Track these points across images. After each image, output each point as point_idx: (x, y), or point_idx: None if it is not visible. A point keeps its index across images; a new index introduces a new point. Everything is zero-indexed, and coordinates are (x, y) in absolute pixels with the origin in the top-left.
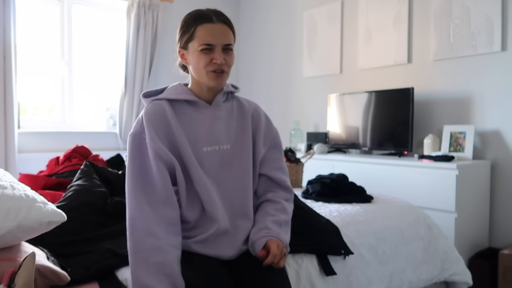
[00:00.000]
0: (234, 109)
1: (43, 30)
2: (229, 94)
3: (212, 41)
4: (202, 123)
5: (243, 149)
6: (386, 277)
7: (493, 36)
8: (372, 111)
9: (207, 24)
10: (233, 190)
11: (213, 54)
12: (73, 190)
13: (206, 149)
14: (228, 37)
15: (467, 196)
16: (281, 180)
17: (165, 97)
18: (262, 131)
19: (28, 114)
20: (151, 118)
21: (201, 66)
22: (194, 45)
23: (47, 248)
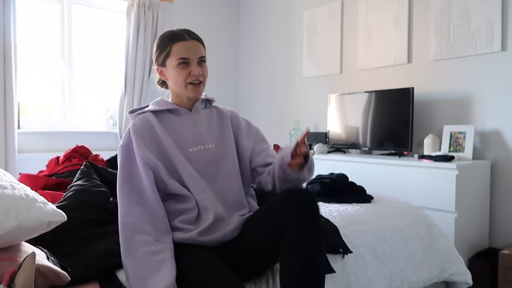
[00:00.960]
0: (213, 114)
1: (43, 30)
2: (206, 102)
3: (187, 55)
4: (185, 127)
5: (226, 147)
6: (386, 277)
7: (493, 36)
8: (372, 111)
9: (181, 42)
10: (223, 185)
11: (190, 68)
12: (73, 190)
13: (192, 149)
14: (201, 51)
15: (467, 196)
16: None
17: (149, 110)
18: (243, 130)
19: (28, 114)
20: (138, 129)
21: (180, 79)
22: (172, 61)
23: (47, 248)
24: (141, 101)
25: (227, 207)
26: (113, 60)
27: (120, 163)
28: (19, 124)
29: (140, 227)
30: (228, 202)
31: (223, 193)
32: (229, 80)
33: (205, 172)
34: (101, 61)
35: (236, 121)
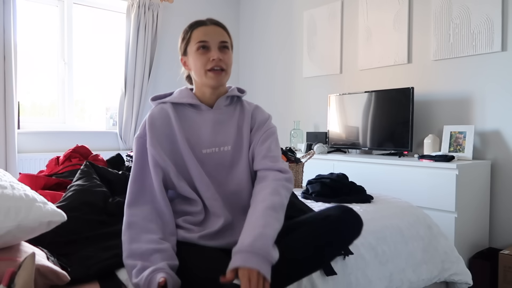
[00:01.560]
0: (236, 112)
1: (43, 30)
2: (233, 98)
3: (206, 39)
4: (203, 125)
5: (242, 150)
6: (386, 277)
7: (493, 36)
8: (372, 111)
9: (201, 27)
10: (234, 189)
11: (209, 53)
12: (73, 190)
13: (205, 151)
14: (222, 35)
15: (467, 196)
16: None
17: (169, 101)
18: (259, 128)
19: (28, 114)
20: (154, 122)
21: (199, 66)
22: (192, 47)
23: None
24: (141, 101)
25: (235, 213)
26: (113, 60)
27: (134, 157)
28: (19, 124)
29: (147, 226)
30: (237, 208)
31: (232, 198)
32: (229, 80)
33: (216, 175)
34: (101, 61)
35: (256, 119)
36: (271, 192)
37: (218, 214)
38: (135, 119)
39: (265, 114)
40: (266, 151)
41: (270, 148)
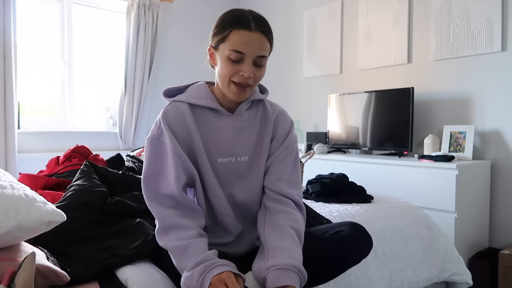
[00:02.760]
0: (258, 117)
1: (43, 30)
2: (254, 101)
3: (244, 50)
4: (222, 132)
5: (259, 160)
6: (386, 277)
7: (493, 36)
8: (372, 111)
9: (243, 30)
10: (243, 202)
11: (241, 65)
12: (73, 190)
13: (221, 160)
14: (263, 48)
15: (467, 196)
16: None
17: (186, 100)
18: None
19: (28, 114)
20: (170, 122)
21: (225, 73)
22: (225, 48)
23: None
24: (141, 101)
25: (245, 222)
26: (113, 60)
27: (148, 158)
28: (19, 124)
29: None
30: (246, 218)
31: (242, 208)
32: None
33: (228, 185)
34: (101, 61)
35: (277, 128)
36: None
37: (230, 230)
38: (135, 119)
39: (287, 122)
40: (282, 173)
41: (287, 169)
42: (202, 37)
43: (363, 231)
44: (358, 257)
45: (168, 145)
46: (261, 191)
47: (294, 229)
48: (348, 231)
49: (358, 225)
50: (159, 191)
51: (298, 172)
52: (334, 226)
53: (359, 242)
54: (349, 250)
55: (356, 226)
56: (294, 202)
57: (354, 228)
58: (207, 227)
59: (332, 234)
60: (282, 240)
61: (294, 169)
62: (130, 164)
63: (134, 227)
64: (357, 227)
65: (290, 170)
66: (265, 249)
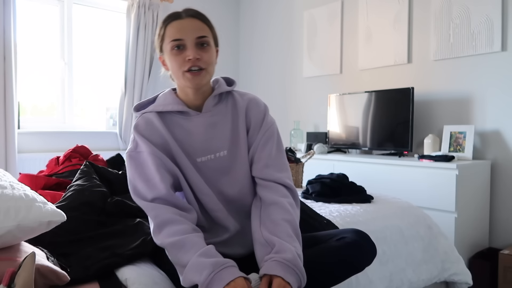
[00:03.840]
0: (228, 109)
1: (43, 30)
2: (223, 94)
3: (180, 36)
4: (195, 133)
5: (239, 152)
6: (386, 277)
7: (493, 36)
8: (372, 111)
9: (175, 21)
10: (235, 197)
11: (185, 52)
12: (73, 190)
13: (200, 159)
14: (200, 30)
15: (467, 196)
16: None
17: (153, 109)
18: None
19: (28, 114)
20: (143, 132)
21: (176, 67)
22: (166, 46)
23: (47, 248)
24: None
25: (242, 219)
26: (113, 60)
27: (130, 172)
28: (19, 124)
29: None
30: (242, 214)
31: (236, 204)
32: None
33: (215, 183)
34: (101, 61)
35: (251, 117)
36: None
37: (225, 225)
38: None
39: (260, 107)
40: (267, 159)
41: (271, 154)
42: None
43: (367, 239)
44: (362, 264)
45: (146, 151)
46: (250, 183)
47: (288, 222)
48: (353, 238)
49: (363, 233)
50: (148, 198)
51: (283, 154)
52: (338, 232)
53: (364, 249)
54: (353, 257)
55: (361, 233)
56: (285, 186)
57: (359, 235)
58: (204, 227)
59: (336, 240)
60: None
61: (279, 152)
62: None
63: (134, 227)
64: (362, 235)
65: (275, 154)
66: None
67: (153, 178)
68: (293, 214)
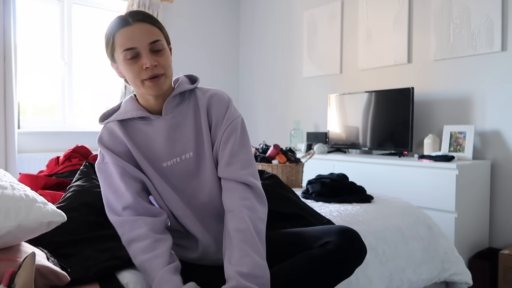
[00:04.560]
0: (190, 109)
1: (43, 30)
2: (185, 93)
3: (132, 44)
4: (157, 137)
5: (205, 153)
6: (386, 277)
7: (493, 36)
8: (372, 111)
9: (123, 28)
10: (206, 201)
11: (140, 60)
12: (73, 191)
13: (165, 164)
14: (151, 35)
15: (467, 196)
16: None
17: (115, 119)
18: (219, 122)
19: (28, 114)
20: (106, 143)
21: (133, 76)
22: (118, 54)
23: (47, 248)
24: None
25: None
26: None
27: (101, 186)
28: (19, 124)
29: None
30: (214, 219)
31: (207, 209)
32: (229, 80)
33: (185, 187)
34: (101, 61)
35: (212, 113)
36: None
37: (193, 233)
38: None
39: (223, 102)
40: (229, 156)
41: (233, 151)
42: (202, 37)
43: (354, 240)
44: (350, 270)
45: (110, 161)
46: (218, 184)
47: (240, 231)
48: (337, 244)
49: (348, 234)
50: (119, 209)
51: (248, 150)
52: (321, 234)
53: (349, 255)
54: (341, 263)
55: (344, 235)
56: (246, 184)
57: (343, 238)
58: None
59: (320, 247)
60: (231, 251)
61: (242, 147)
62: None
63: None
64: (345, 237)
65: (237, 150)
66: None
67: (120, 188)
68: (247, 221)
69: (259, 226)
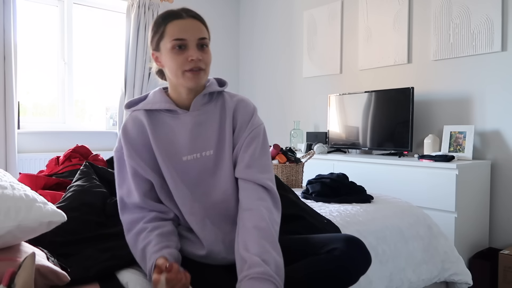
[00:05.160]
0: (217, 109)
1: (43, 30)
2: (213, 94)
3: (184, 36)
4: (181, 131)
5: (224, 153)
6: (386, 277)
7: (493, 36)
8: (372, 111)
9: (177, 20)
10: (219, 199)
11: (187, 52)
12: (73, 191)
13: (186, 158)
14: (201, 31)
15: (467, 196)
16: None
17: (142, 107)
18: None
19: (28, 114)
20: (128, 133)
21: (176, 65)
22: (166, 44)
23: (47, 248)
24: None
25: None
26: (113, 60)
27: (115, 173)
28: (19, 124)
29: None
30: (225, 219)
31: (219, 208)
32: (229, 80)
33: (200, 183)
34: (101, 61)
35: (238, 117)
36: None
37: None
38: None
39: (248, 109)
40: (250, 159)
41: (254, 154)
42: None
43: (360, 248)
44: (355, 276)
45: (126, 159)
46: (234, 185)
47: (259, 229)
48: (344, 251)
49: (354, 242)
50: (125, 200)
51: (268, 156)
52: (329, 241)
53: (355, 262)
54: (346, 270)
55: (352, 242)
56: (265, 188)
57: (349, 246)
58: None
59: (326, 252)
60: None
61: (263, 153)
62: None
63: None
64: (352, 245)
65: (258, 155)
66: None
67: (130, 185)
68: (267, 219)
69: (275, 228)
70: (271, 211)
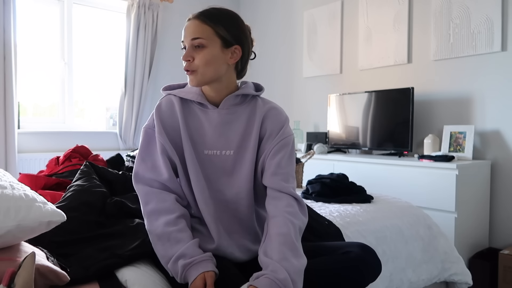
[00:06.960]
0: (246, 112)
1: (43, 30)
2: (247, 96)
3: (183, 38)
4: (207, 125)
5: (245, 156)
6: (386, 277)
7: (493, 36)
8: (372, 111)
9: (186, 22)
10: (230, 198)
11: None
12: (73, 191)
13: (207, 152)
14: (194, 31)
15: (467, 196)
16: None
17: (177, 94)
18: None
19: (28, 114)
20: (161, 114)
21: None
22: None
23: (47, 248)
24: (141, 101)
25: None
26: (113, 60)
27: (140, 145)
28: (19, 124)
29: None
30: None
31: (229, 206)
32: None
33: (215, 179)
34: (101, 61)
35: (268, 125)
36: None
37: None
38: (135, 119)
39: (280, 117)
40: (276, 167)
41: (281, 163)
42: None
43: (373, 255)
44: (366, 281)
45: (156, 136)
46: (248, 188)
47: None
48: (358, 253)
49: (369, 248)
50: (146, 175)
51: (293, 167)
52: (342, 246)
53: (368, 266)
54: (359, 272)
55: (366, 248)
56: (290, 195)
57: (365, 250)
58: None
59: (341, 254)
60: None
61: (289, 163)
62: (130, 164)
63: (133, 228)
64: (367, 250)
65: (285, 164)
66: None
67: (157, 161)
68: (289, 226)
69: (298, 232)
70: (296, 217)
